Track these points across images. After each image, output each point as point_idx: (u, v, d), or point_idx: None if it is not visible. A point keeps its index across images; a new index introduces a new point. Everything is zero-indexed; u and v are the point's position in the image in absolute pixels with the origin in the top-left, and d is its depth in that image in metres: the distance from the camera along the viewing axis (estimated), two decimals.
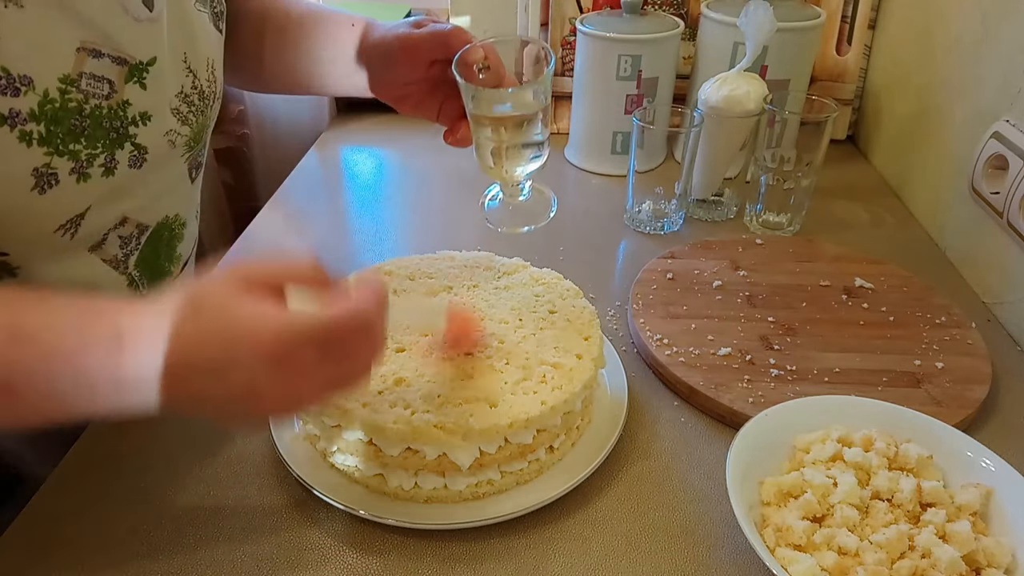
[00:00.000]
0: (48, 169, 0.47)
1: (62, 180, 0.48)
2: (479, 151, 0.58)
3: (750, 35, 0.78)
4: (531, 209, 0.61)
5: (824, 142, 0.78)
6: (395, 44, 0.60)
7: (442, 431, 0.48)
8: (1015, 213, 0.68)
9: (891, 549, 0.43)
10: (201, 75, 0.59)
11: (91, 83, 0.48)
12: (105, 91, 0.49)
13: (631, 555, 0.49)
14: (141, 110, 0.52)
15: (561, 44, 1.06)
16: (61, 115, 0.47)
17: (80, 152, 0.49)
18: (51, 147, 0.47)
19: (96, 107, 0.49)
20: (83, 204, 0.51)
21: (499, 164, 0.57)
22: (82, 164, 0.49)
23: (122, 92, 0.51)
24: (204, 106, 0.60)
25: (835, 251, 0.78)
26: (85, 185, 0.50)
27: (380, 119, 1.16)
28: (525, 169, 0.58)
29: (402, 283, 0.61)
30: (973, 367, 0.62)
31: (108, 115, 0.50)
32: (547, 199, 0.62)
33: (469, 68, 0.56)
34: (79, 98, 0.48)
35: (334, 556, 0.49)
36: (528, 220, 0.61)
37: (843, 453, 0.49)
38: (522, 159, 0.57)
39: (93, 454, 0.56)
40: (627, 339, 0.68)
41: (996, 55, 0.75)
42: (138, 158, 0.53)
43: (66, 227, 0.51)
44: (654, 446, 0.57)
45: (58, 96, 0.46)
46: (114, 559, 0.48)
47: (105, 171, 0.51)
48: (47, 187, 0.47)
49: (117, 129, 0.51)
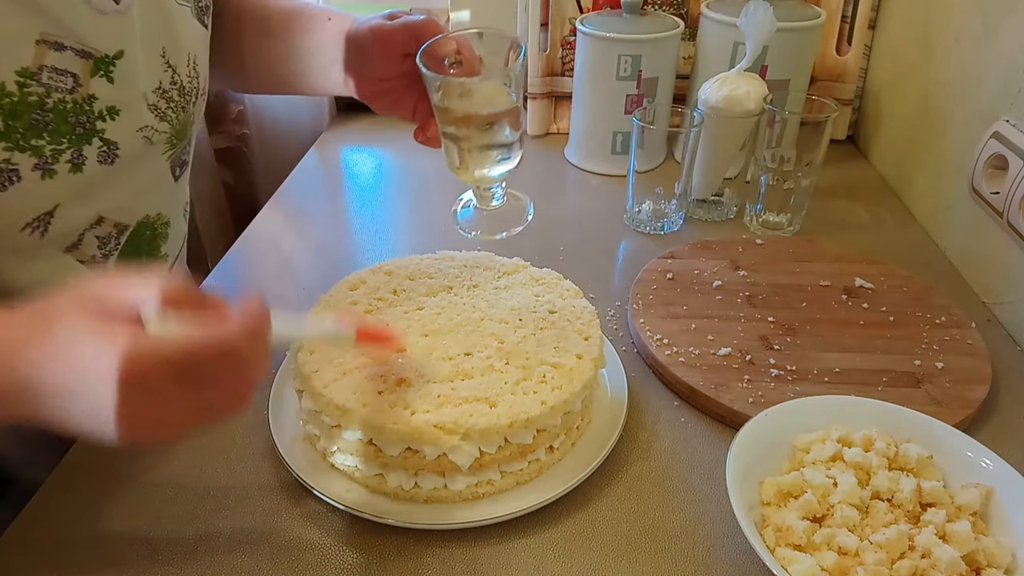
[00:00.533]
0: (8, 165, 0.46)
1: (24, 176, 0.47)
2: (446, 150, 0.55)
3: (750, 35, 0.78)
4: (505, 216, 0.58)
5: (824, 142, 0.78)
6: (368, 36, 0.58)
7: (442, 431, 0.48)
8: (1015, 213, 0.68)
9: (891, 549, 0.43)
10: (181, 70, 0.57)
11: (53, 76, 0.47)
12: (69, 85, 0.48)
13: (631, 555, 0.49)
14: (108, 104, 0.51)
15: (561, 44, 1.06)
16: (21, 109, 0.46)
17: (44, 148, 0.47)
18: (10, 142, 0.46)
19: (59, 101, 0.48)
20: (50, 202, 0.50)
21: (464, 164, 0.55)
22: (46, 160, 0.48)
23: (88, 86, 0.49)
24: (185, 102, 0.59)
25: (835, 251, 0.78)
26: (51, 182, 0.49)
27: (380, 119, 1.15)
28: (492, 171, 0.55)
29: (402, 283, 0.61)
30: (973, 367, 0.62)
31: (73, 109, 0.49)
32: (522, 205, 0.59)
33: (439, 61, 0.53)
34: (40, 92, 0.46)
35: (334, 556, 0.49)
36: (502, 227, 0.58)
37: (843, 453, 0.49)
38: (489, 160, 0.55)
39: (92, 454, 0.56)
40: (627, 339, 0.68)
41: (996, 55, 0.75)
42: (108, 154, 0.52)
43: (33, 225, 0.50)
44: (654, 446, 0.57)
45: (16, 90, 0.45)
46: (113, 559, 0.48)
47: (72, 167, 0.50)
48: (8, 183, 0.46)
49: (83, 124, 0.50)
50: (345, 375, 0.51)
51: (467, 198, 0.60)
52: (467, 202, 0.60)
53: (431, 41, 0.53)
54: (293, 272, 0.80)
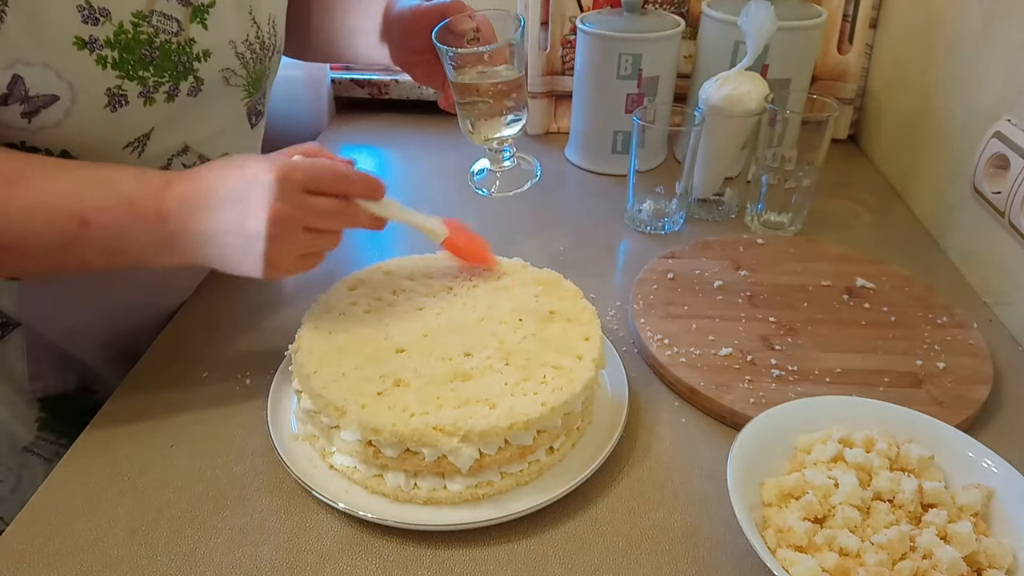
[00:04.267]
0: (119, 90, 0.55)
1: (131, 101, 0.56)
2: (460, 116, 0.63)
3: (751, 34, 0.78)
4: (515, 176, 0.66)
5: (825, 141, 0.78)
6: (407, 15, 0.69)
7: (441, 433, 0.47)
8: (1016, 213, 0.68)
9: (892, 550, 0.43)
10: (263, 27, 0.67)
11: (161, 20, 0.56)
12: (174, 28, 0.58)
13: (632, 556, 0.49)
14: (204, 48, 0.60)
15: (561, 43, 1.05)
16: (133, 44, 0.55)
17: (148, 78, 0.57)
18: (123, 71, 0.55)
19: (166, 42, 0.57)
20: (147, 125, 0.59)
21: (477, 129, 0.63)
22: (149, 89, 0.57)
23: (188, 31, 0.59)
24: (263, 55, 0.68)
25: (836, 251, 0.78)
26: (150, 108, 0.58)
27: (380, 119, 1.16)
28: (502, 134, 0.63)
29: (402, 283, 0.61)
30: (975, 367, 0.62)
31: (176, 50, 0.58)
32: (531, 165, 0.67)
33: (460, 37, 0.62)
34: (150, 32, 0.56)
35: (333, 557, 0.48)
36: (513, 185, 0.66)
37: (844, 454, 0.49)
38: (499, 125, 0.62)
39: (93, 453, 0.56)
40: (628, 339, 0.68)
41: (997, 54, 0.75)
42: (195, 88, 0.61)
43: (134, 145, 0.59)
44: (655, 447, 0.57)
45: (131, 28, 0.55)
46: (113, 559, 0.48)
47: (168, 97, 0.59)
48: (118, 106, 0.56)
49: (184, 63, 0.59)
50: (344, 375, 0.51)
51: (481, 163, 0.68)
52: (481, 167, 0.68)
53: (449, 19, 0.63)
54: None
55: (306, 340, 0.55)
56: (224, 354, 0.66)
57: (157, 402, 0.60)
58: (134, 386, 0.62)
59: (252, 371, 0.63)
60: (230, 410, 0.59)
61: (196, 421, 0.59)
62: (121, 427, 0.58)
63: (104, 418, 0.59)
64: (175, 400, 0.61)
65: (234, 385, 0.62)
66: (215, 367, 0.64)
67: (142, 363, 0.65)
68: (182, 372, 0.64)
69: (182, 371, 0.64)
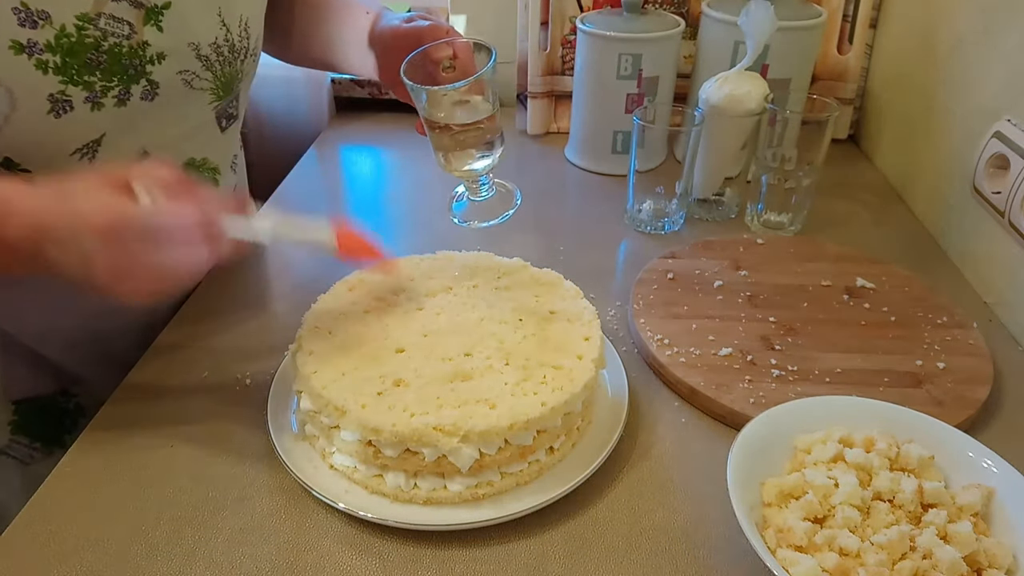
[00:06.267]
0: (63, 96, 0.53)
1: (76, 107, 0.54)
2: (433, 148, 0.61)
3: (751, 34, 0.78)
4: (495, 205, 0.64)
5: (825, 141, 0.78)
6: (388, 35, 0.68)
7: (441, 433, 0.47)
8: (1016, 213, 0.68)
9: (892, 550, 0.43)
10: (233, 30, 0.64)
11: (110, 23, 0.54)
12: (125, 31, 0.55)
13: (631, 556, 0.49)
14: (158, 51, 0.57)
15: (561, 43, 1.05)
16: (77, 49, 0.52)
17: (95, 83, 0.54)
18: (66, 76, 0.53)
19: (115, 45, 0.54)
20: (97, 131, 0.57)
21: (448, 162, 0.60)
22: (96, 94, 0.55)
23: (141, 33, 0.56)
24: (233, 58, 0.65)
25: (836, 251, 0.78)
26: (99, 113, 0.55)
27: (380, 119, 1.16)
28: (473, 167, 0.60)
29: (402, 283, 0.61)
30: (975, 367, 0.62)
31: (128, 53, 0.55)
32: (510, 194, 0.65)
33: (436, 64, 0.59)
34: (97, 35, 0.53)
35: (332, 557, 0.48)
36: (491, 215, 0.64)
37: (844, 454, 0.49)
38: (469, 159, 0.60)
39: (93, 453, 0.56)
40: (628, 339, 0.68)
41: (997, 54, 0.75)
42: (150, 92, 0.58)
43: (83, 151, 0.57)
44: (655, 447, 0.57)
45: (75, 32, 0.52)
46: (113, 559, 0.48)
47: (118, 102, 0.56)
48: (62, 112, 0.53)
49: (135, 66, 0.56)
50: (344, 375, 0.51)
51: (461, 191, 0.65)
52: (461, 194, 0.65)
53: (426, 47, 0.60)
54: (292, 271, 0.80)
55: (306, 340, 0.55)
56: (224, 354, 0.66)
57: (157, 402, 0.60)
58: (134, 386, 0.62)
59: (252, 371, 0.63)
60: (230, 410, 0.59)
61: (196, 421, 0.59)
62: (121, 427, 0.58)
63: (104, 418, 0.59)
64: (175, 400, 0.61)
65: (234, 385, 0.62)
66: (215, 367, 0.64)
67: (142, 363, 0.65)
68: (182, 372, 0.64)
69: (182, 371, 0.64)
